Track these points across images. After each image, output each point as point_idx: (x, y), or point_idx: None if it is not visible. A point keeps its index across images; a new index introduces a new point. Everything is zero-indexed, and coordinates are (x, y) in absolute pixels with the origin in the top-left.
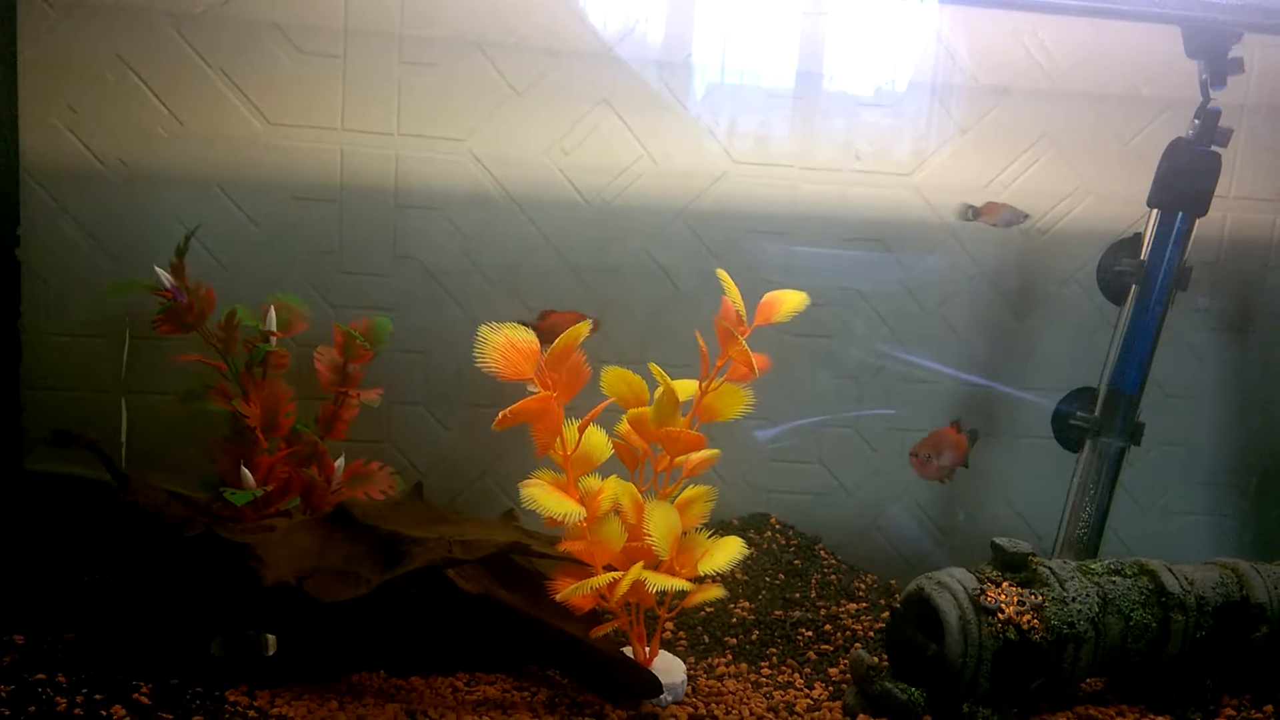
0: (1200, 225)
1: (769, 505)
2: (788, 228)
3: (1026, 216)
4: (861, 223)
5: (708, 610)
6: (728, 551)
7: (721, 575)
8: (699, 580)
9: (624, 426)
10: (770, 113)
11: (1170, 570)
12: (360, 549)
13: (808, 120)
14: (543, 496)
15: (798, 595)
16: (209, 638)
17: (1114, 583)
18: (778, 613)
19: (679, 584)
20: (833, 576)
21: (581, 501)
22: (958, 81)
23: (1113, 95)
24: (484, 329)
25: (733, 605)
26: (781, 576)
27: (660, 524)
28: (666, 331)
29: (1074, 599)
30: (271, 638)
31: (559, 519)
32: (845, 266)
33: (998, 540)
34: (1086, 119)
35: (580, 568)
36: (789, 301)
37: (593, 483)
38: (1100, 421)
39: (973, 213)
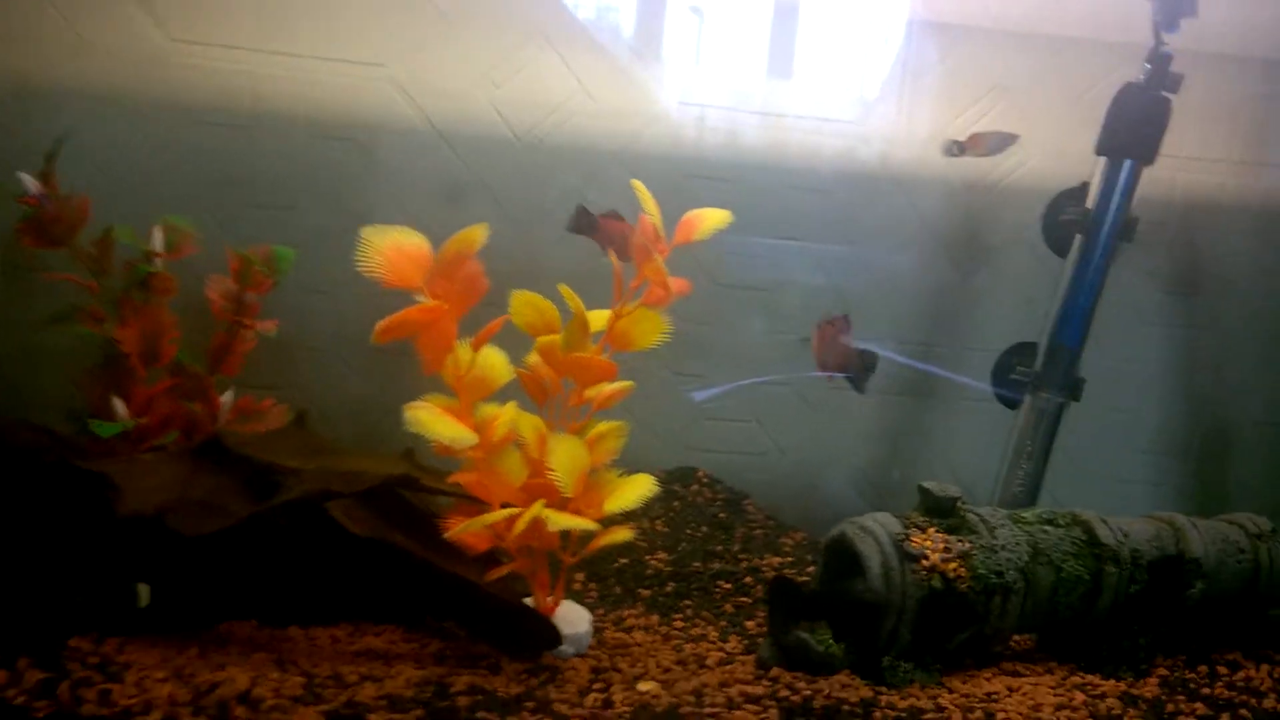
0: (1149, 185)
1: (702, 463)
2: (731, 174)
3: (1015, 138)
4: (807, 171)
5: (621, 561)
6: (637, 488)
7: (640, 525)
8: (607, 523)
9: (533, 356)
10: (717, 54)
11: (1105, 522)
12: (231, 481)
13: (754, 63)
14: (430, 420)
15: (719, 548)
16: (62, 578)
17: (1046, 532)
18: (696, 565)
19: (583, 524)
20: (758, 531)
21: (476, 430)
22: (908, 26)
23: (1067, 44)
24: (367, 230)
25: (649, 557)
26: (704, 529)
27: (564, 458)
28: (600, 278)
29: (1003, 547)
30: (145, 588)
31: (447, 444)
32: (789, 217)
33: (925, 484)
34: (1039, 69)
35: (475, 504)
36: (709, 219)
37: (490, 409)
38: (1040, 376)
39: (958, 148)
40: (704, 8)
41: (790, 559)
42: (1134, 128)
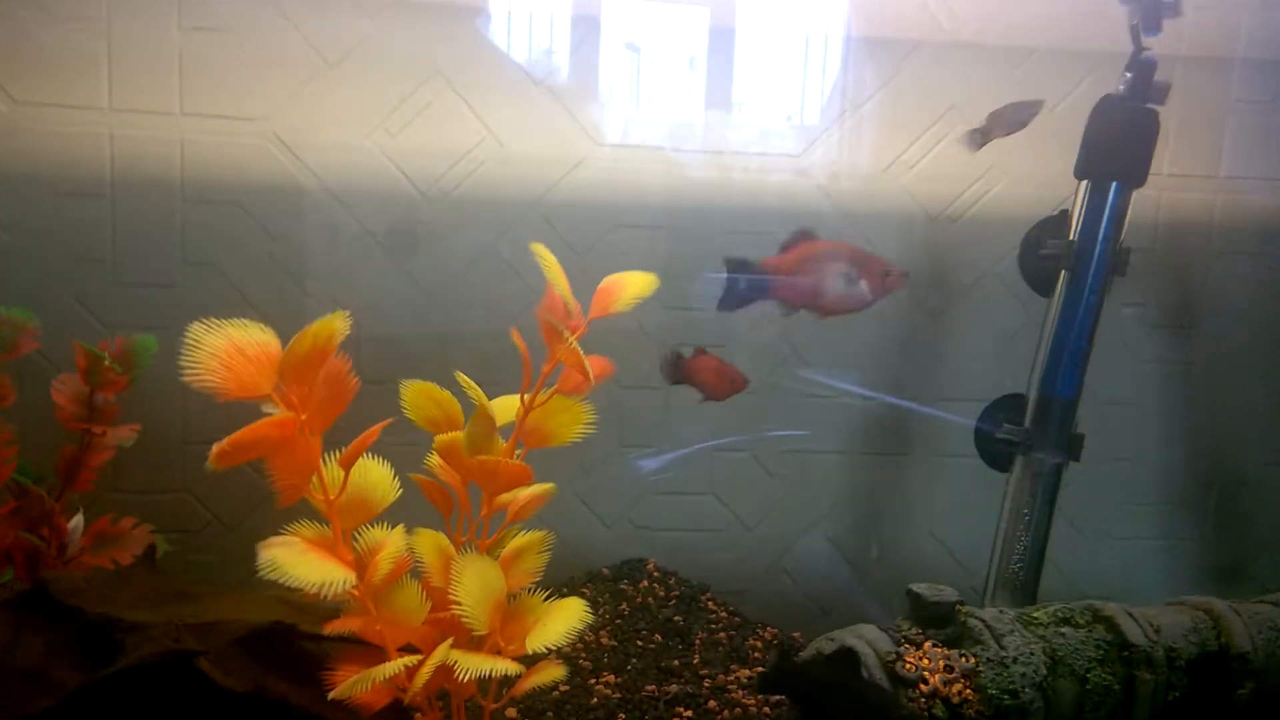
0: (1131, 209)
1: (654, 546)
2: (665, 220)
3: (1039, 104)
4: (747, 212)
5: (562, 689)
6: (564, 619)
7: (583, 640)
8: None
9: (433, 458)
10: (640, 88)
11: (1131, 616)
12: (59, 640)
13: (685, 98)
14: (289, 560)
15: (676, 663)
16: None
17: (1063, 635)
18: (649, 688)
19: (502, 665)
20: (721, 634)
21: (357, 563)
22: (851, 48)
23: (1028, 55)
24: (195, 327)
25: (595, 680)
26: (658, 638)
27: (473, 586)
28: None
29: (1015, 659)
30: None
31: (316, 589)
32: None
33: (916, 588)
34: (1001, 86)
35: (367, 651)
36: (632, 285)
37: (375, 536)
38: (1032, 434)
39: (980, 137)
40: (634, 41)
41: (761, 669)
42: (1118, 146)
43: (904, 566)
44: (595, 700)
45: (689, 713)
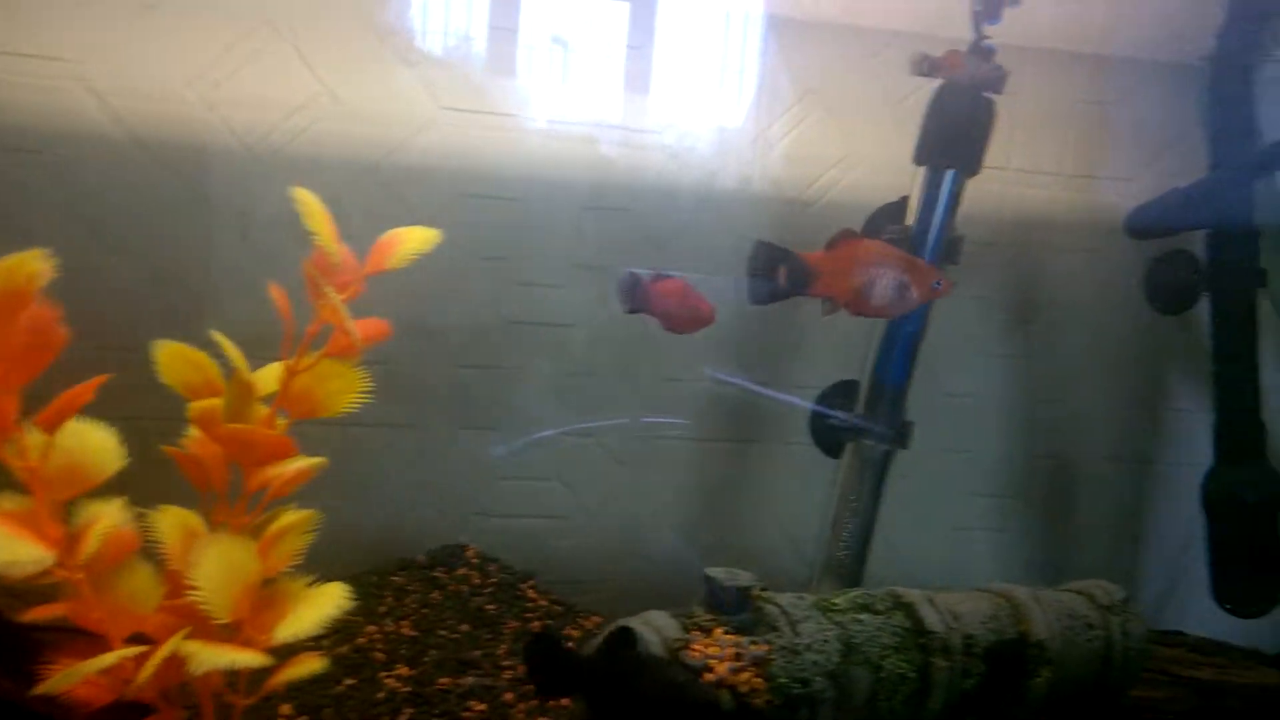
0: (979, 201)
1: (494, 533)
2: (518, 191)
3: (1003, 73)
4: (607, 186)
5: (347, 684)
6: (319, 606)
7: (382, 629)
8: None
9: (192, 429)
10: (495, 48)
11: (931, 602)
12: None
13: (544, 64)
14: None
15: (479, 654)
16: None
17: (861, 622)
18: (444, 681)
19: (244, 658)
20: (536, 624)
21: (67, 540)
22: (717, 23)
23: (890, 39)
24: None
25: (385, 674)
26: (465, 628)
27: (214, 570)
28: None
29: (808, 647)
30: None
31: (6, 569)
32: (586, 239)
33: (711, 572)
34: (861, 70)
35: (93, 642)
36: (412, 240)
37: (95, 509)
38: (862, 421)
39: (928, 65)
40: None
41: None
42: (955, 134)
43: (749, 554)
44: (382, 694)
45: (482, 706)
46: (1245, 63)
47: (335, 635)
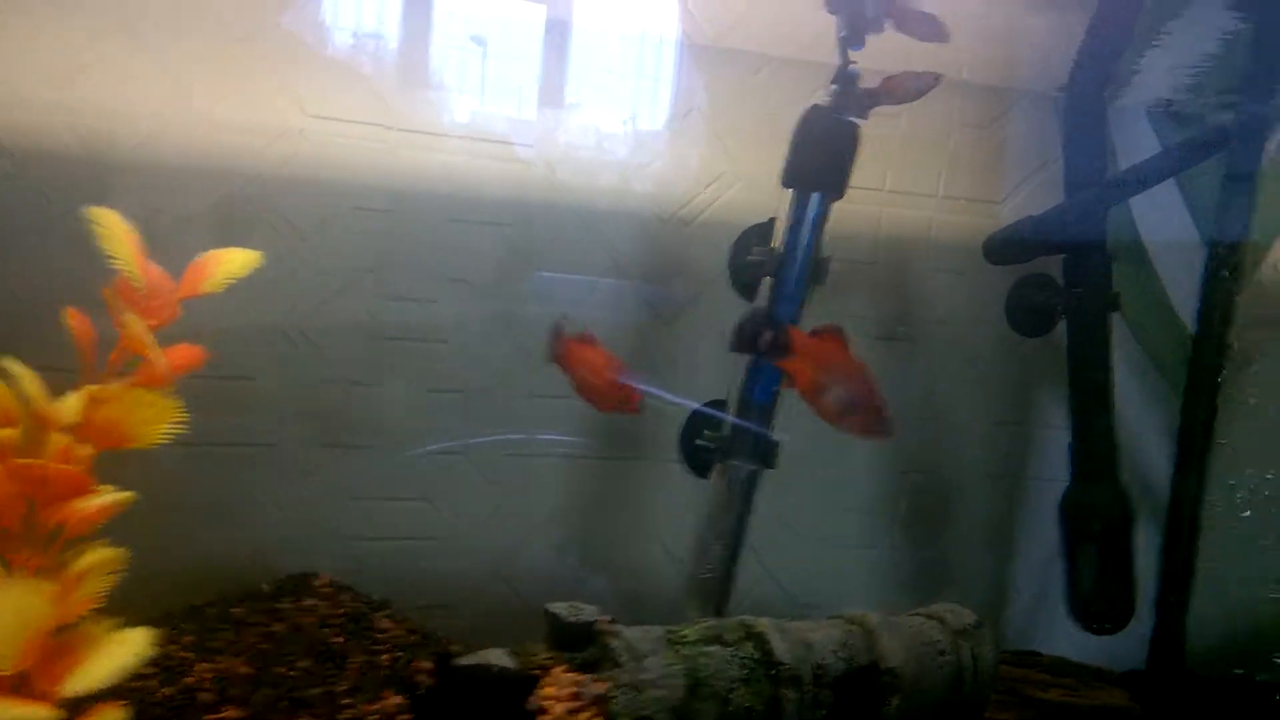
0: (855, 222)
1: (358, 557)
2: (387, 203)
3: (938, 77)
4: (476, 201)
5: None
6: (115, 655)
7: (216, 665)
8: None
9: None
10: (365, 55)
11: (782, 632)
12: None
13: (411, 71)
14: None
15: (318, 691)
16: None
17: (709, 654)
18: None
19: (27, 713)
20: (386, 656)
21: None
22: (595, 33)
23: (768, 63)
24: None
25: (211, 717)
26: (306, 663)
27: None
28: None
29: (652, 683)
30: None
31: None
32: (457, 254)
33: (553, 607)
34: (736, 93)
35: None
36: (230, 262)
37: None
38: (730, 440)
39: (869, 99)
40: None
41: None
42: (820, 157)
43: (629, 572)
44: None
45: None
46: (1097, 94)
47: (162, 675)
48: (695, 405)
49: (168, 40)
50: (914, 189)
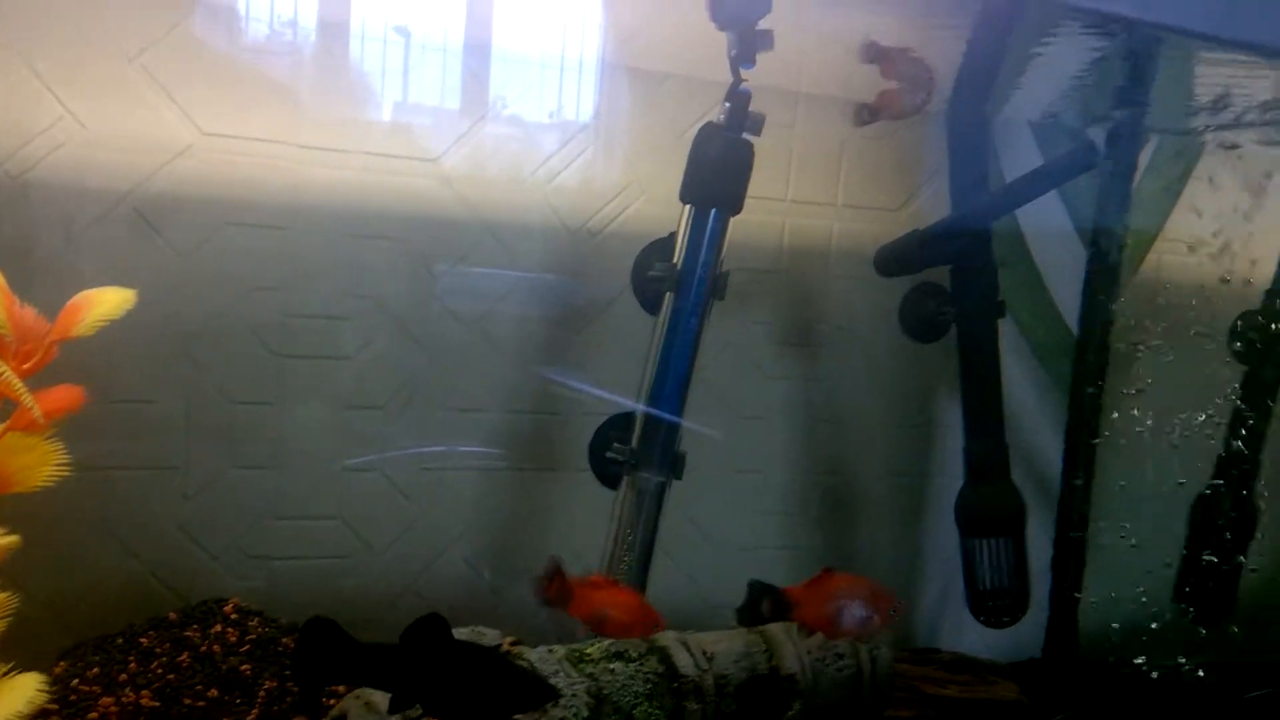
0: (760, 231)
1: (271, 577)
2: (287, 220)
3: (931, 95)
4: (381, 218)
5: None
6: (3, 706)
7: (117, 698)
8: None
9: None
10: (263, 72)
11: (686, 645)
12: None
13: (310, 87)
14: None
15: None
16: None
17: (613, 671)
18: None
19: None
20: (293, 683)
21: None
22: (496, 49)
23: (671, 76)
24: None
25: None
26: (213, 693)
27: None
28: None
29: (555, 703)
30: None
31: None
32: (363, 271)
33: (457, 634)
34: (640, 107)
35: None
36: (103, 304)
37: None
38: (637, 453)
39: (868, 113)
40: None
41: None
42: (716, 173)
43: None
44: None
45: None
46: (977, 109)
47: (67, 711)
48: (637, 407)
49: (56, 59)
50: (815, 198)
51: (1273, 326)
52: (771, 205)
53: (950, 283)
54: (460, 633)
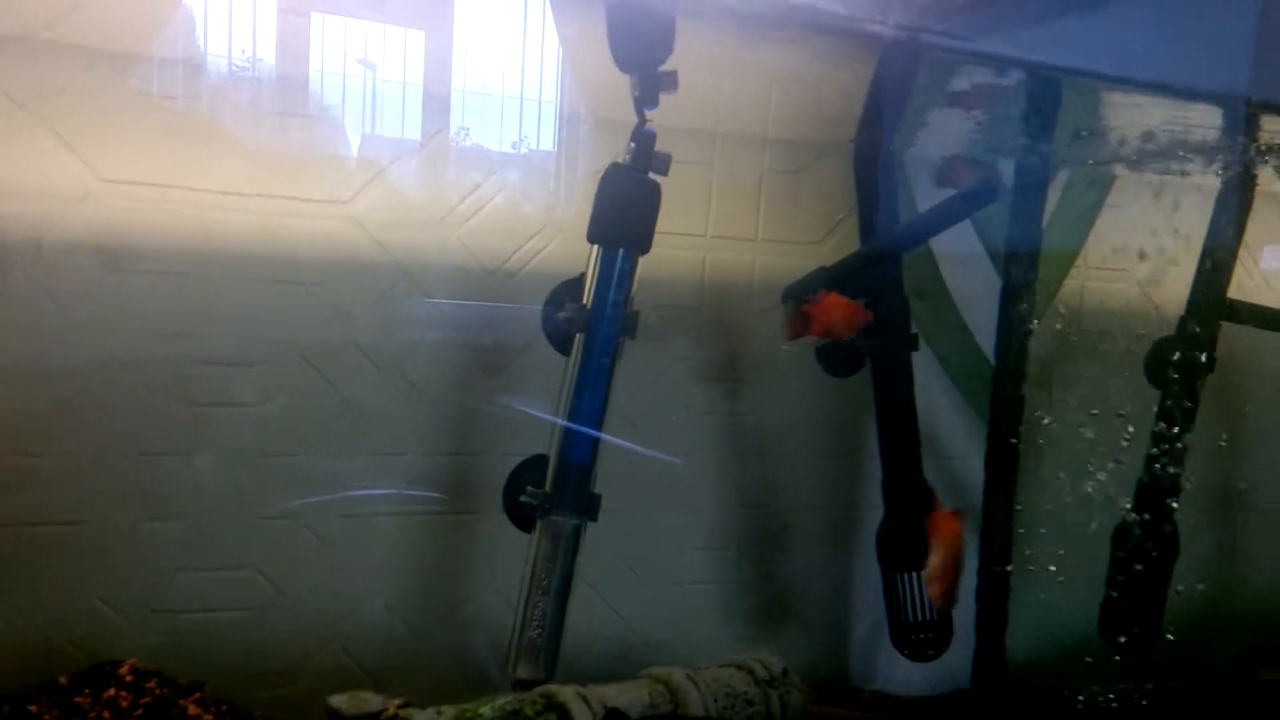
0: (681, 266)
1: (178, 633)
2: (183, 266)
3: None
4: (291, 261)
5: None
6: None
7: None
8: None
9: None
10: (164, 117)
11: (585, 699)
12: None
13: (211, 129)
14: None
15: None
16: None
17: None
18: None
19: None
20: None
21: None
22: (410, 89)
23: (589, 115)
24: None
25: None
26: None
27: None
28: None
29: None
30: None
31: None
32: (273, 316)
33: (334, 700)
34: (559, 143)
35: None
36: None
37: None
38: (551, 496)
39: (947, 173)
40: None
41: None
42: (623, 213)
43: (475, 628)
44: None
45: None
46: (883, 145)
47: None
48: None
49: None
50: (735, 233)
51: (1186, 352)
52: (692, 241)
53: None
54: (337, 700)
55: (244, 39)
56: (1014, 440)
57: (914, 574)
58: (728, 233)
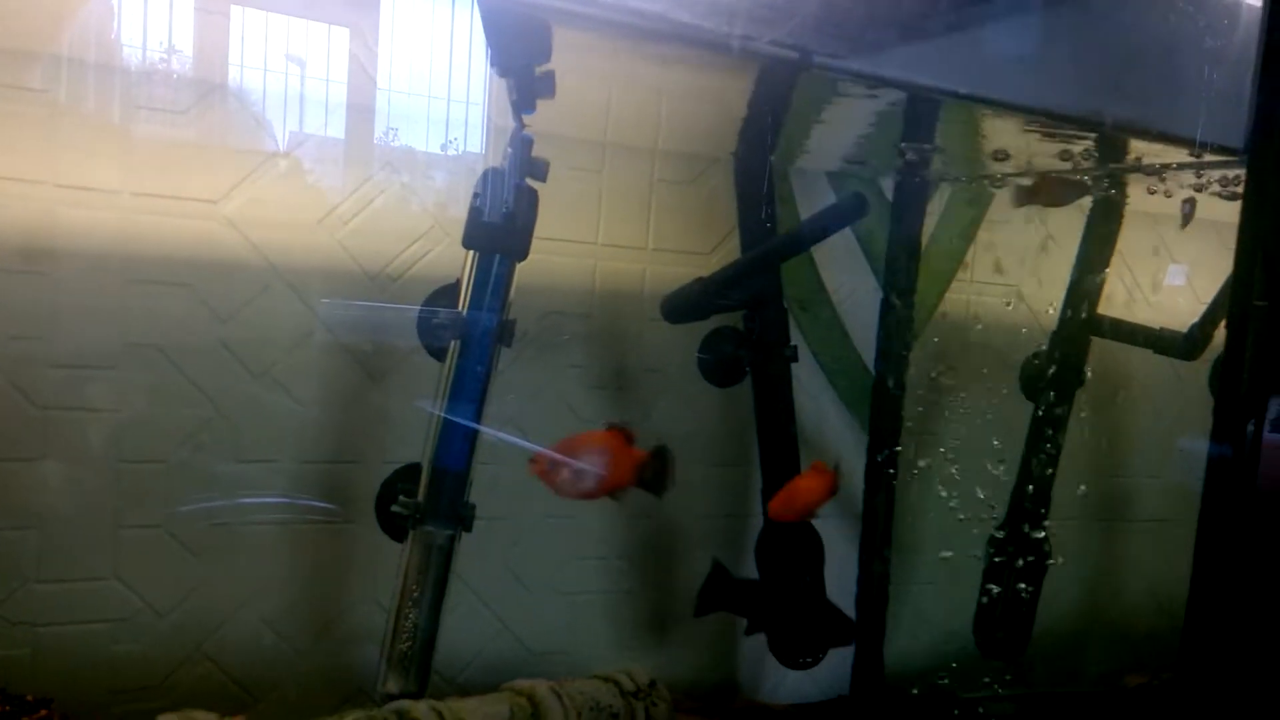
0: (573, 274)
1: (36, 645)
2: (48, 265)
3: (1087, 186)
4: (157, 261)
5: None
6: None
7: None
8: None
9: None
10: (28, 110)
11: (439, 714)
12: None
13: (72, 124)
14: None
15: None
16: None
17: None
18: None
19: None
20: None
21: None
22: (279, 88)
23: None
24: None
25: None
26: None
27: None
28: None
29: None
30: None
31: None
32: (138, 317)
33: (167, 716)
34: (435, 146)
35: None
36: None
37: None
38: (423, 506)
39: (1026, 196)
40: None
41: None
42: (499, 219)
43: (354, 640)
44: None
45: None
46: (762, 159)
47: None
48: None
49: None
50: (626, 242)
51: (1057, 366)
52: (582, 249)
53: (744, 327)
54: (168, 717)
55: (116, 30)
56: (893, 449)
57: (789, 581)
58: (619, 241)
